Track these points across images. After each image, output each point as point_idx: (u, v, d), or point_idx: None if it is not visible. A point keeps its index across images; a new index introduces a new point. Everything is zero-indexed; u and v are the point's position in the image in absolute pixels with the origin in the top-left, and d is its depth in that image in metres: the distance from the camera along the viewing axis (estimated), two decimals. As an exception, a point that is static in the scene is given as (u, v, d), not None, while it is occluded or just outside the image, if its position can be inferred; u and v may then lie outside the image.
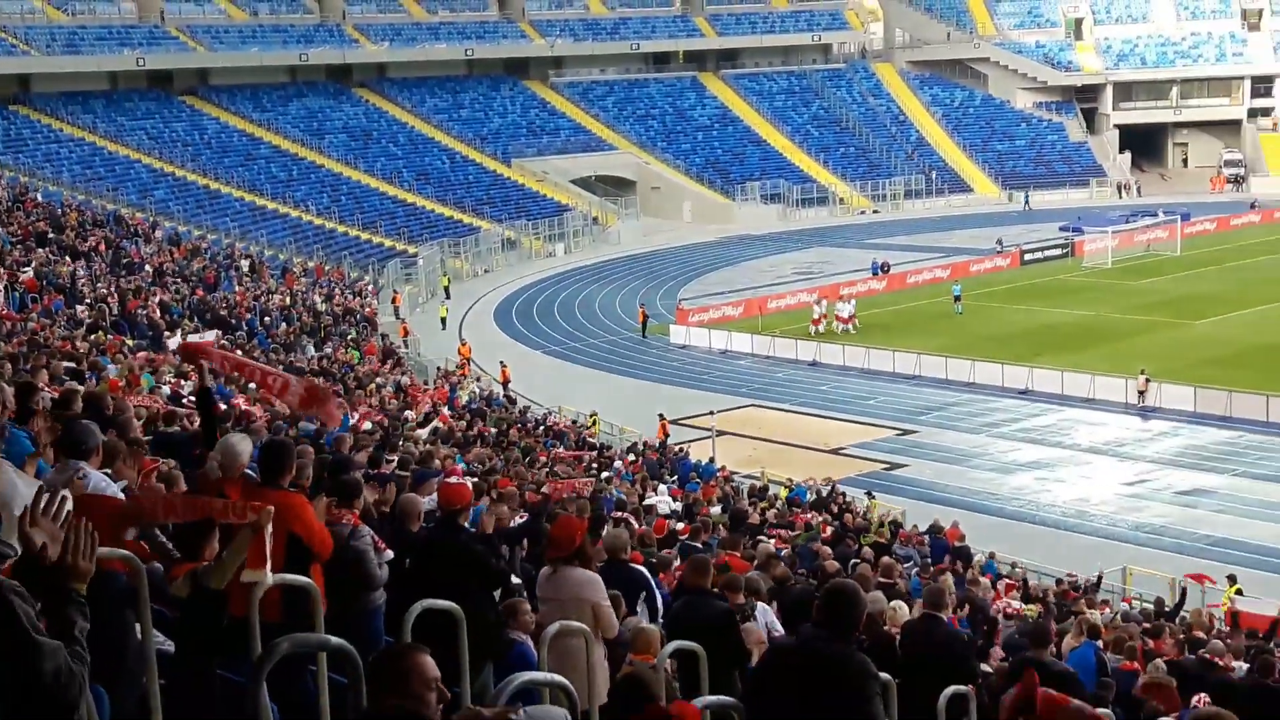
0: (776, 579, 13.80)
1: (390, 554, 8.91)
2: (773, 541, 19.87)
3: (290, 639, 5.73)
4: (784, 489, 32.23)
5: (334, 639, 5.95)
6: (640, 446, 36.57)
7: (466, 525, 9.83)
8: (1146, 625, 18.53)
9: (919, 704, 9.09)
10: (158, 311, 37.27)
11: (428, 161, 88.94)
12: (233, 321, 40.83)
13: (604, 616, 8.72)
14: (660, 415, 40.87)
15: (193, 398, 17.30)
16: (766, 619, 11.27)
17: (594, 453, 33.47)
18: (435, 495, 10.20)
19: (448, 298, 66.73)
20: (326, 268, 64.32)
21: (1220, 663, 14.73)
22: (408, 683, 4.80)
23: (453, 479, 10.45)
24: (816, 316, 56.66)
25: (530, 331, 60.96)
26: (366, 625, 8.31)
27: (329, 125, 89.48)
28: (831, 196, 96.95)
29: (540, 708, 6.05)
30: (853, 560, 20.35)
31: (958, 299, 58.65)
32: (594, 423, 40.65)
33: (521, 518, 14.19)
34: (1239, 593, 25.77)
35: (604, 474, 28.48)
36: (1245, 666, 15.15)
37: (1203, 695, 11.62)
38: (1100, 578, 26.82)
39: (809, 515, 27.11)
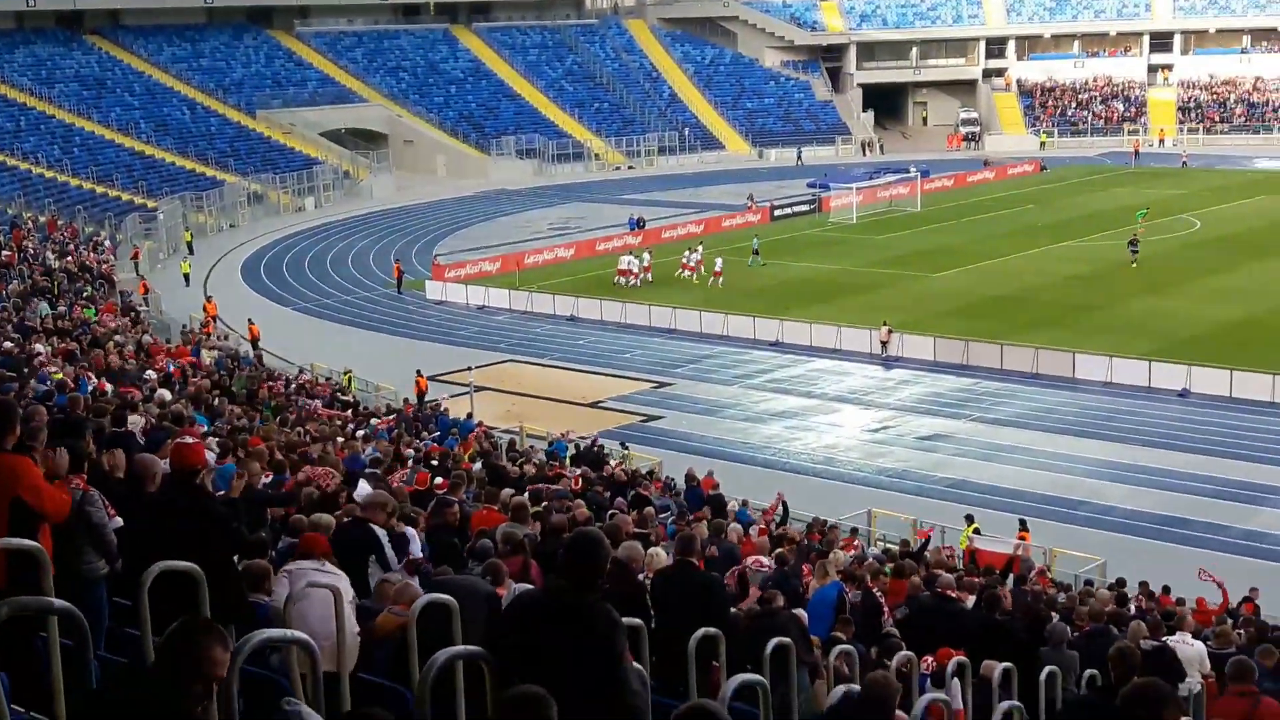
0: (553, 529, 13.73)
1: (119, 521, 8.48)
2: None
3: (10, 602, 5.48)
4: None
5: (59, 602, 5.68)
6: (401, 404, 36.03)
7: (208, 487, 9.42)
8: (890, 565, 19.18)
9: (673, 648, 9.15)
10: None
11: (166, 112, 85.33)
12: (-45, 279, 38.37)
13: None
14: (417, 371, 40.32)
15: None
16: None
17: (349, 411, 32.77)
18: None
19: (191, 253, 64.33)
20: (60, 223, 61.09)
21: (954, 596, 15.38)
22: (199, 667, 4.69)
23: (189, 439, 9.99)
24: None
25: (280, 288, 59.31)
26: (92, 592, 7.89)
27: (59, 74, 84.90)
28: (587, 152, 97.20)
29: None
30: (609, 510, 20.47)
31: (756, 252, 59.48)
32: (348, 380, 39.82)
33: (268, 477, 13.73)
34: (976, 532, 26.99)
35: (359, 432, 27.91)
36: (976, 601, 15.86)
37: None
38: (856, 531, 27.73)
39: (570, 470, 27.14)
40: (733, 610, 11.44)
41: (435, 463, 22.59)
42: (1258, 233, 62.82)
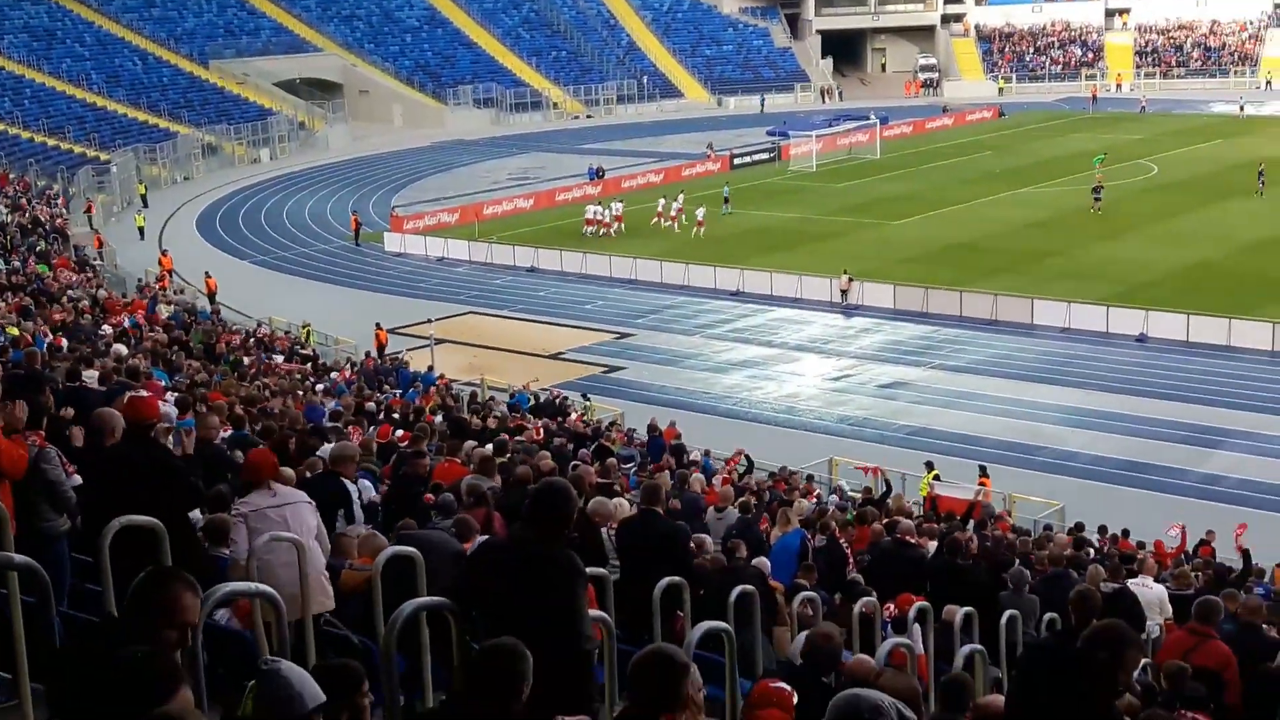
0: (518, 479, 13.71)
1: (79, 478, 8.39)
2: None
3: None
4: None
5: (19, 557, 5.63)
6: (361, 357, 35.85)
7: (162, 442, 9.35)
8: (853, 512, 19.30)
9: (638, 595, 9.18)
10: None
11: (118, 63, 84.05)
12: (-95, 235, 37.79)
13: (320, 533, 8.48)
14: (377, 324, 40.11)
15: None
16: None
17: (308, 365, 32.60)
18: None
19: (145, 206, 63.58)
20: (11, 177, 60.22)
21: (913, 541, 15.51)
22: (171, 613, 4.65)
23: (143, 393, 9.89)
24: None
25: (237, 241, 58.76)
26: (52, 548, 7.81)
27: (8, 24, 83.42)
28: (545, 101, 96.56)
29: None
30: (572, 462, 20.47)
31: (726, 200, 59.27)
32: (307, 334, 39.58)
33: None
34: (937, 479, 27.17)
35: (319, 385, 27.79)
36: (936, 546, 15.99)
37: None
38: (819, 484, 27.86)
39: (532, 421, 27.11)
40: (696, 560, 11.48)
41: (397, 416, 22.53)
42: (1214, 176, 63.18)
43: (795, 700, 6.51)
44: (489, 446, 16.73)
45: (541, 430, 24.89)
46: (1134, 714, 7.32)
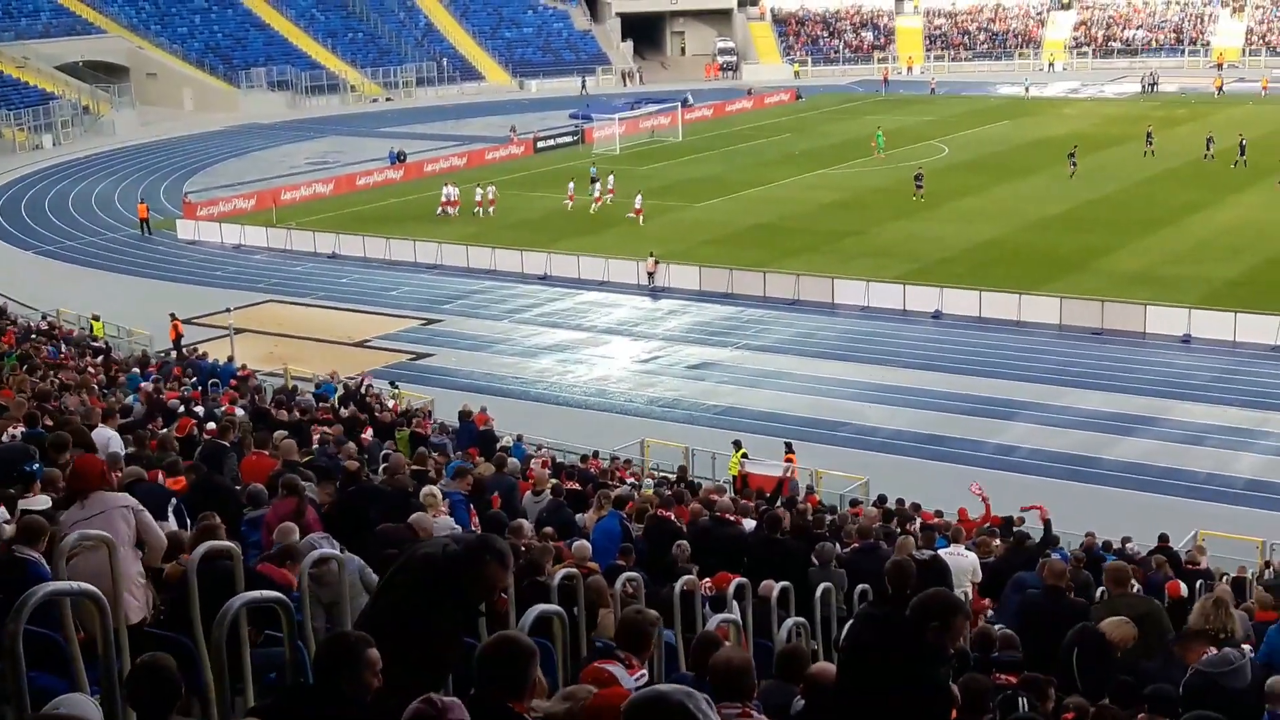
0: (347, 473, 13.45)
1: None
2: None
3: None
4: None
5: None
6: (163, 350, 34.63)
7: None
8: (668, 493, 19.44)
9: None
10: None
11: (-115, 45, 79.57)
12: None
13: (145, 523, 8.14)
14: (172, 315, 38.79)
15: None
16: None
17: (99, 358, 31.32)
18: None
19: (-81, 196, 60.38)
20: None
21: (731, 519, 15.72)
22: None
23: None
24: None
25: (18, 230, 56.19)
26: None
27: None
28: (342, 84, 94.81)
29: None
30: (384, 451, 20.21)
31: (594, 180, 58.18)
32: (99, 328, 38.08)
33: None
34: (745, 457, 27.58)
35: (120, 379, 26.75)
36: (754, 524, 16.23)
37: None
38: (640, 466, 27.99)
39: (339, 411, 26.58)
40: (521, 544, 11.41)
41: (199, 409, 21.84)
42: (1002, 156, 65.54)
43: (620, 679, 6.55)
44: (294, 437, 16.35)
45: (350, 420, 24.45)
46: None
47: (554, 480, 21.56)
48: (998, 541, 18.47)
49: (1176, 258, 44.98)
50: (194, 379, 29.73)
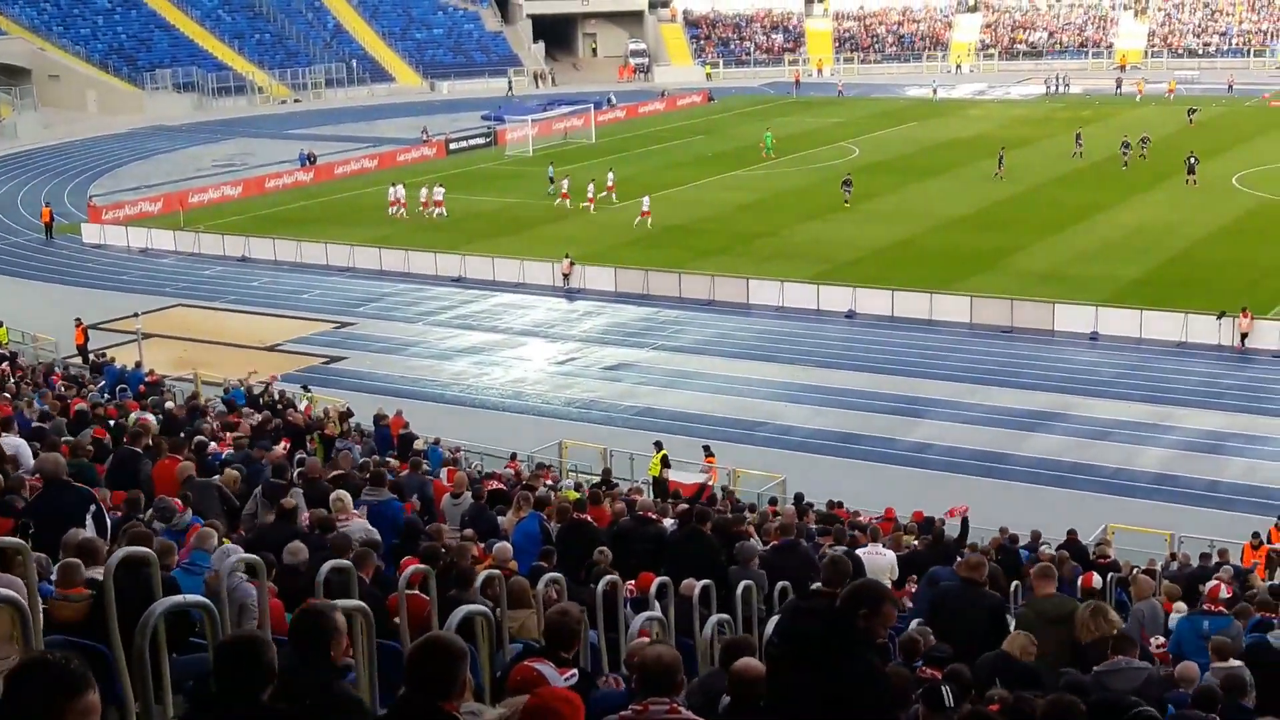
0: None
1: None
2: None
3: None
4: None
5: None
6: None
7: None
8: (586, 495, 19.41)
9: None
10: None
11: None
12: None
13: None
14: (78, 320, 38.06)
15: None
16: None
17: (4, 364, 30.60)
18: None
19: None
20: None
21: (653, 517, 15.72)
22: None
23: None
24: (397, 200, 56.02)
25: (-83, 236, 54.87)
26: None
27: None
28: (250, 85, 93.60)
29: None
30: (299, 455, 19.97)
31: (551, 180, 57.81)
32: (1, 333, 37.21)
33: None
34: (665, 459, 27.59)
35: (26, 386, 26.16)
36: (675, 522, 16.25)
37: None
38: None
39: (251, 415, 26.21)
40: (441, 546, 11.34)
41: (108, 415, 21.42)
42: (910, 157, 66.28)
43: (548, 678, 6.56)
44: (208, 442, 16.11)
45: (260, 425, 24.13)
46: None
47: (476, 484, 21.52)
48: (916, 540, 18.67)
49: (1084, 257, 45.79)
50: (102, 385, 29.22)
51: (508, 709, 5.65)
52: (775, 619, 8.10)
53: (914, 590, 15.33)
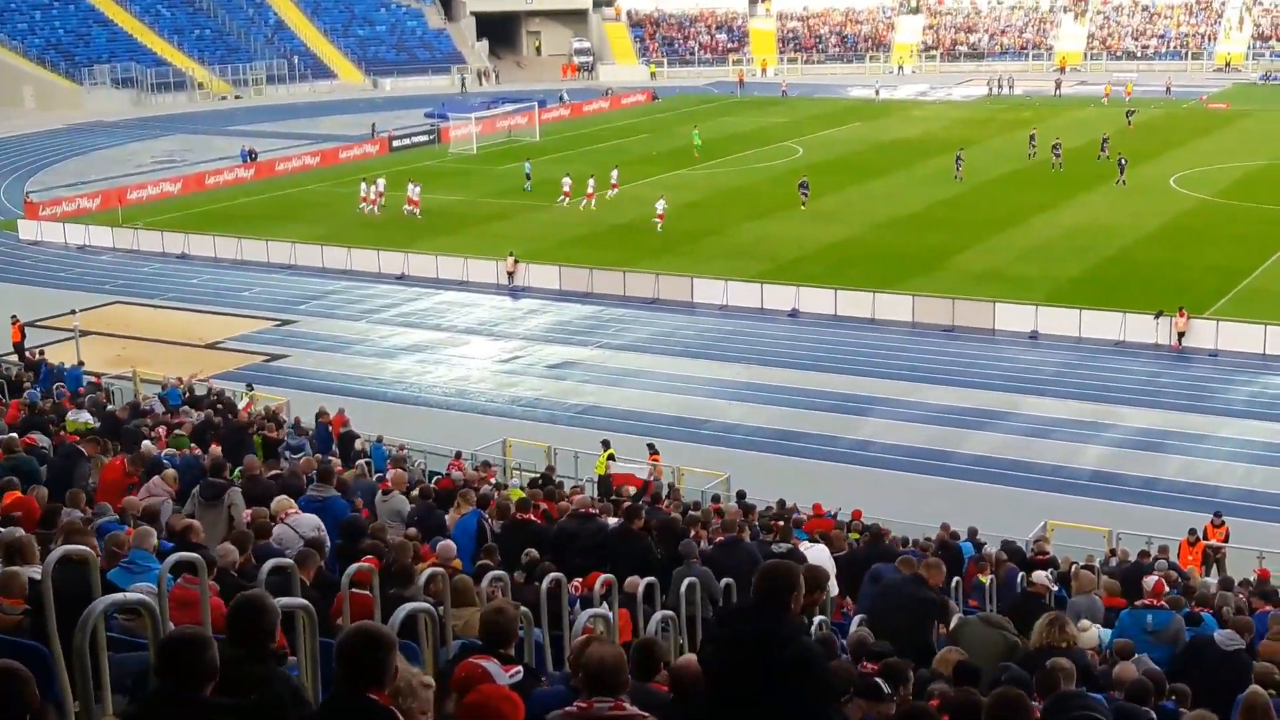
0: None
1: None
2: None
3: None
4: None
5: None
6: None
7: None
8: (536, 491, 19.40)
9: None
10: None
11: None
12: None
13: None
14: (14, 318, 37.52)
15: None
16: None
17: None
18: None
19: None
20: None
21: (595, 513, 15.74)
22: None
23: None
24: (371, 196, 55.45)
25: None
26: None
27: None
28: (189, 81, 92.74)
29: None
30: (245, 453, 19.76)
31: (528, 177, 57.16)
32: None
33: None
34: (611, 458, 27.58)
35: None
36: (617, 520, 16.28)
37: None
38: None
39: (191, 414, 25.94)
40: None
41: (46, 416, 21.14)
42: (854, 157, 66.62)
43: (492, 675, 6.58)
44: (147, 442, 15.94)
45: (201, 423, 23.90)
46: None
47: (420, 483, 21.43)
48: (854, 536, 18.78)
49: (1024, 257, 46.24)
50: (36, 383, 28.80)
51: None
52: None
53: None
